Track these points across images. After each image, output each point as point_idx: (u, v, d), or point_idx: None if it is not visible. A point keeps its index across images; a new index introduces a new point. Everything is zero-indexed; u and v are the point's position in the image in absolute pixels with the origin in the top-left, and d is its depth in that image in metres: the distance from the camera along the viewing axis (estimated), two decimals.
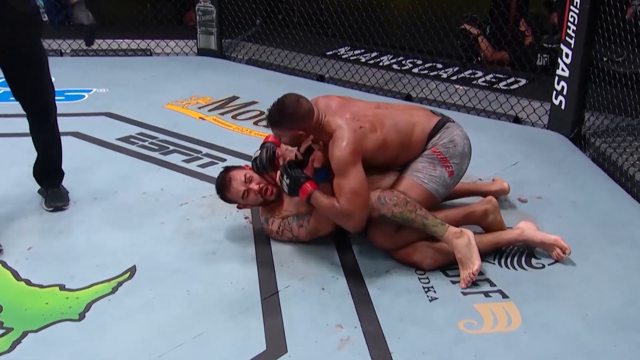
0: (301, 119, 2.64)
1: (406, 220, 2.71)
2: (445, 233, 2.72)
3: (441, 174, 2.83)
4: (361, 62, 5.54)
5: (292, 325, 2.46)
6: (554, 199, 3.40)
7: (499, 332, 2.45)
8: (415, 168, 2.83)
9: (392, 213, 2.69)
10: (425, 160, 2.84)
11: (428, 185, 2.82)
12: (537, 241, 2.88)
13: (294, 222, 2.91)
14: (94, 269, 2.77)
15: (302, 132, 2.66)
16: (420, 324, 2.48)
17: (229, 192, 2.92)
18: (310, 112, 2.66)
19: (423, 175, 2.82)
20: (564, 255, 2.84)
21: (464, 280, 2.69)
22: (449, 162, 2.84)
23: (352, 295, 2.64)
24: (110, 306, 2.55)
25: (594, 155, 3.91)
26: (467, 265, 2.69)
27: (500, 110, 4.57)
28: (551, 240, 2.86)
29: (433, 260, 2.78)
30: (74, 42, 5.76)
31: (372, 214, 2.70)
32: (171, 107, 4.65)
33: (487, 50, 5.42)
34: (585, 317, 2.53)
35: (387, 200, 2.69)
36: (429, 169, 2.82)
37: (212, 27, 5.79)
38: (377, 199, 2.69)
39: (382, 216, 2.70)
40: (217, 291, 2.66)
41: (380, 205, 2.68)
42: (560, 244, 2.85)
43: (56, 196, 3.18)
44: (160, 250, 2.93)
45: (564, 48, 4.08)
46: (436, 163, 2.83)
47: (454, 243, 2.71)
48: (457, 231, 2.73)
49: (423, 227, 2.72)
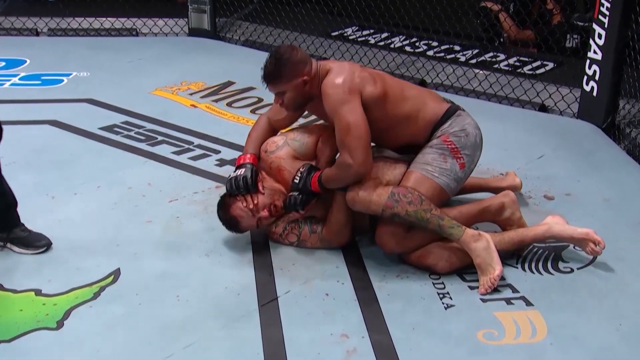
0: (301, 62, 2.76)
1: (421, 220, 2.70)
2: (462, 236, 2.72)
3: (452, 166, 2.84)
4: (370, 43, 5.54)
5: (292, 335, 2.46)
6: (585, 196, 3.39)
7: (522, 343, 2.44)
8: (424, 160, 2.84)
9: (407, 212, 2.69)
10: (434, 152, 2.84)
11: (439, 180, 2.82)
12: (566, 236, 2.86)
13: (306, 226, 2.93)
14: (74, 272, 2.77)
15: (305, 78, 2.77)
16: (434, 334, 2.47)
17: (240, 230, 2.93)
18: (307, 56, 2.80)
19: (433, 169, 2.82)
20: (598, 250, 2.82)
21: (484, 286, 2.69)
22: (460, 153, 2.85)
23: (359, 301, 2.64)
24: (91, 313, 2.55)
25: (629, 147, 3.90)
26: (486, 271, 2.69)
27: (525, 98, 4.56)
28: (582, 234, 2.84)
29: (448, 263, 2.78)
30: (51, 20, 5.77)
31: (384, 214, 2.71)
32: (159, 94, 4.65)
33: (510, 29, 5.40)
34: (619, 328, 2.52)
35: (401, 196, 2.69)
36: (439, 161, 2.83)
37: (205, 5, 5.78)
38: (389, 195, 2.69)
39: (394, 215, 2.70)
40: (209, 297, 2.66)
41: (393, 202, 2.68)
42: (592, 238, 2.82)
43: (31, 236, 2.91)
44: (147, 251, 2.93)
45: (596, 28, 4.06)
46: (447, 154, 2.84)
47: (472, 247, 2.71)
48: (474, 234, 2.72)
49: (438, 229, 2.72)
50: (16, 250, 2.88)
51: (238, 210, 2.87)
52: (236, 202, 2.87)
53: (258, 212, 2.86)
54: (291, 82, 2.77)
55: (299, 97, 2.82)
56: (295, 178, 2.84)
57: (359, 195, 2.70)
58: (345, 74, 2.73)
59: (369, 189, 2.71)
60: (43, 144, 3.34)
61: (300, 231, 2.93)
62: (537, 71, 4.98)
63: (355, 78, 2.73)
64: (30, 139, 3.86)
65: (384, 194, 2.69)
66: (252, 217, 2.87)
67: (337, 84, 2.70)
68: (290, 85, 2.77)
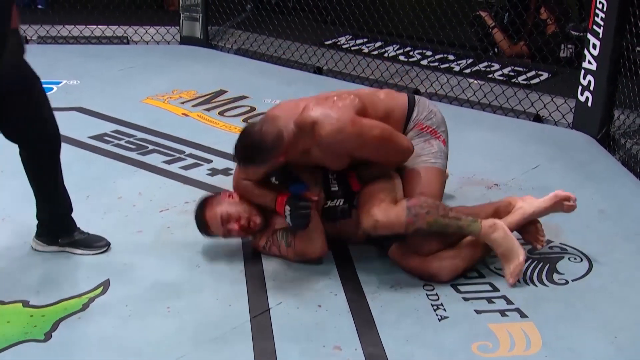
0: (273, 148, 2.63)
1: (442, 227, 2.73)
2: (481, 230, 2.75)
3: (438, 146, 2.90)
4: (364, 52, 5.55)
5: (284, 347, 2.45)
6: (580, 208, 3.38)
7: (516, 356, 2.44)
8: (415, 153, 2.86)
9: (428, 223, 2.70)
10: (418, 141, 2.88)
11: (437, 164, 2.88)
12: (541, 210, 2.94)
13: (283, 240, 2.91)
14: (63, 283, 2.76)
15: (281, 158, 2.69)
16: (428, 347, 2.47)
17: (207, 233, 2.94)
18: (279, 135, 2.64)
19: (427, 157, 2.87)
20: (573, 204, 2.93)
21: (513, 274, 2.74)
22: (437, 132, 2.93)
23: (352, 313, 2.64)
24: (80, 325, 2.54)
25: (624, 158, 3.91)
26: (511, 258, 2.75)
27: (519, 108, 4.58)
28: (552, 198, 2.93)
29: (452, 268, 2.78)
30: (40, 28, 5.76)
31: (407, 231, 2.70)
32: (150, 102, 4.65)
33: (502, 43, 5.43)
34: (614, 340, 2.52)
35: (418, 209, 2.70)
36: (427, 148, 2.88)
37: (196, 13, 5.80)
38: (406, 213, 2.69)
39: (417, 230, 2.71)
40: (200, 309, 2.65)
41: (413, 218, 2.68)
42: (562, 196, 2.92)
43: (90, 238, 3.00)
44: (137, 262, 2.92)
45: (591, 38, 4.09)
46: (428, 138, 2.90)
47: (492, 238, 2.75)
48: (490, 224, 2.76)
49: (458, 230, 2.76)
50: (77, 252, 2.93)
51: (211, 214, 2.87)
52: (211, 206, 2.87)
53: (228, 222, 2.84)
54: (266, 165, 2.70)
55: (274, 170, 2.78)
56: (332, 186, 2.83)
57: (379, 222, 2.69)
58: (333, 112, 2.66)
59: (384, 211, 2.70)
60: None
61: (279, 245, 2.92)
62: (531, 81, 5.00)
63: (340, 106, 2.70)
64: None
65: (400, 212, 2.69)
66: (221, 227, 2.86)
67: (339, 128, 2.63)
68: (266, 167, 2.72)
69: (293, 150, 2.72)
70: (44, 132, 2.78)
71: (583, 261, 2.97)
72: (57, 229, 2.93)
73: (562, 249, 3.05)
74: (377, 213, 2.70)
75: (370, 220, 2.71)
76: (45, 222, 2.92)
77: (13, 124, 2.73)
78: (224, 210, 2.86)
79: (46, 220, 2.91)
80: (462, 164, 3.63)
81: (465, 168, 3.68)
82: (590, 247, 3.03)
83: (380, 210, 2.70)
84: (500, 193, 3.48)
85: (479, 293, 2.76)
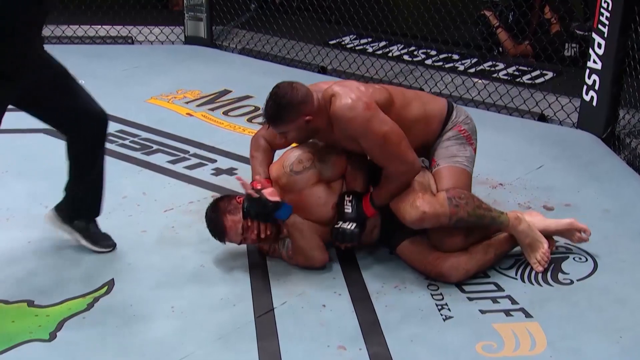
0: (302, 102, 2.67)
1: (479, 217, 2.76)
2: (510, 222, 2.81)
3: (470, 153, 2.92)
4: (368, 52, 5.55)
5: (289, 347, 2.45)
6: (584, 207, 3.40)
7: (521, 356, 2.44)
8: (450, 153, 2.87)
9: (468, 213, 2.73)
10: (454, 143, 2.89)
11: (468, 168, 2.89)
12: (552, 230, 2.94)
13: (283, 250, 2.91)
14: (67, 282, 2.76)
15: (308, 117, 2.68)
16: (432, 346, 2.47)
17: (222, 240, 2.87)
18: (309, 93, 2.69)
19: (462, 159, 2.87)
20: (585, 237, 2.93)
21: (541, 262, 2.82)
22: (471, 139, 2.94)
23: (357, 313, 2.64)
24: (85, 325, 2.55)
25: (629, 157, 3.91)
26: (536, 247, 2.84)
27: (524, 107, 4.57)
28: (566, 224, 2.94)
29: (465, 270, 2.78)
30: (45, 28, 5.76)
31: (450, 221, 2.71)
32: (155, 102, 4.66)
33: (507, 42, 5.42)
34: (619, 340, 2.52)
35: (458, 200, 2.73)
36: (462, 151, 2.89)
37: (201, 13, 5.80)
38: (448, 202, 2.70)
39: (459, 220, 2.72)
40: (204, 308, 2.66)
41: (455, 208, 2.70)
42: (577, 226, 2.93)
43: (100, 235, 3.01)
44: (142, 262, 2.93)
45: (596, 37, 4.08)
46: (464, 142, 2.90)
47: (520, 229, 2.83)
48: (516, 216, 2.85)
49: (491, 222, 2.80)
50: (83, 243, 2.95)
51: (230, 222, 2.79)
52: (230, 214, 2.80)
53: (246, 232, 2.80)
54: (294, 124, 2.69)
55: (303, 134, 2.77)
56: (346, 208, 2.78)
57: (426, 213, 2.68)
58: (353, 92, 2.67)
59: (428, 203, 2.70)
60: (36, 153, 3.34)
61: (280, 253, 2.92)
62: (536, 80, 4.99)
63: (364, 90, 2.71)
64: (23, 148, 3.85)
65: (444, 202, 2.71)
66: (240, 235, 2.80)
67: (352, 105, 2.63)
68: (293, 126, 2.71)
69: (318, 118, 2.70)
70: (95, 108, 2.82)
71: (588, 261, 2.97)
72: (80, 210, 2.93)
73: (567, 249, 3.04)
74: (422, 204, 2.69)
75: (416, 212, 2.69)
76: (71, 199, 2.92)
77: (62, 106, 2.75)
78: (244, 221, 2.79)
79: (74, 197, 2.91)
80: None
81: None
82: (595, 247, 3.02)
83: (425, 202, 2.70)
84: (505, 193, 3.48)
85: (484, 293, 2.76)
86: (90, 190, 2.93)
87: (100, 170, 2.91)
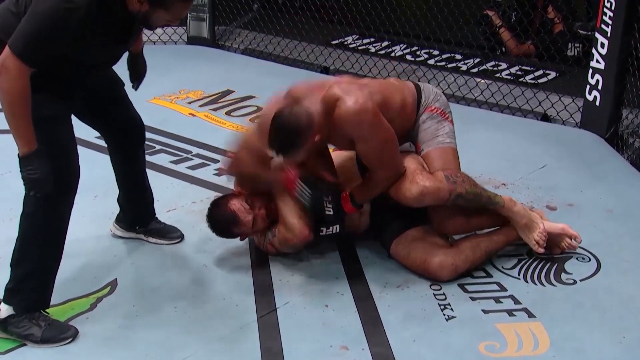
0: (309, 124, 2.55)
1: (476, 195, 2.79)
2: (505, 202, 2.84)
3: (448, 126, 2.92)
4: (371, 52, 5.54)
5: (291, 346, 2.46)
6: (587, 207, 3.39)
7: (524, 356, 2.44)
8: (431, 135, 2.87)
9: (466, 190, 2.75)
10: (431, 123, 2.89)
11: (452, 144, 2.90)
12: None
13: (269, 232, 2.91)
14: (70, 282, 2.77)
15: (317, 136, 2.60)
16: (435, 347, 2.47)
17: (238, 227, 2.85)
18: (309, 111, 2.57)
19: (443, 137, 2.88)
20: (575, 245, 2.95)
21: (539, 242, 2.84)
22: (445, 112, 2.94)
23: (359, 313, 2.64)
24: (88, 325, 2.55)
25: (632, 157, 3.90)
26: (534, 228, 2.85)
27: (527, 107, 4.57)
28: (558, 229, 2.94)
29: (453, 265, 2.78)
30: None
31: (450, 197, 2.72)
32: (157, 102, 4.66)
33: (510, 42, 5.42)
34: (622, 340, 2.52)
35: (455, 177, 2.75)
36: (440, 129, 2.89)
37: (203, 13, 5.80)
38: (446, 179, 2.73)
39: (458, 196, 2.74)
40: (207, 308, 2.66)
41: (453, 184, 2.73)
42: (568, 232, 2.94)
43: (165, 228, 3.09)
44: (145, 262, 2.93)
45: (599, 37, 4.07)
46: (440, 120, 2.90)
47: (515, 210, 2.85)
48: (510, 198, 2.88)
49: (487, 201, 2.82)
50: (151, 241, 3.04)
51: (235, 204, 2.82)
52: (232, 199, 2.85)
53: (254, 208, 2.82)
54: (306, 146, 2.58)
55: (310, 152, 2.68)
56: (327, 210, 2.76)
57: (427, 187, 2.69)
58: (356, 96, 2.63)
59: (427, 178, 2.72)
60: None
61: (267, 239, 2.92)
62: (539, 80, 4.99)
63: (366, 94, 2.67)
64: None
65: (442, 178, 2.73)
66: (250, 212, 2.80)
67: (359, 110, 2.60)
68: (305, 149, 2.60)
69: (322, 130, 2.63)
70: (139, 121, 2.90)
71: (591, 261, 2.96)
72: (136, 216, 3.02)
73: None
74: (422, 179, 2.71)
75: (417, 187, 2.69)
76: (126, 209, 3.01)
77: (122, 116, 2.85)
78: (244, 198, 2.83)
79: (128, 207, 3.01)
80: (469, 163, 3.59)
81: (472, 167, 3.65)
82: (598, 247, 3.02)
83: (424, 178, 2.72)
84: (508, 192, 3.47)
85: (487, 293, 2.76)
86: (140, 197, 3.02)
87: (145, 173, 3.00)
